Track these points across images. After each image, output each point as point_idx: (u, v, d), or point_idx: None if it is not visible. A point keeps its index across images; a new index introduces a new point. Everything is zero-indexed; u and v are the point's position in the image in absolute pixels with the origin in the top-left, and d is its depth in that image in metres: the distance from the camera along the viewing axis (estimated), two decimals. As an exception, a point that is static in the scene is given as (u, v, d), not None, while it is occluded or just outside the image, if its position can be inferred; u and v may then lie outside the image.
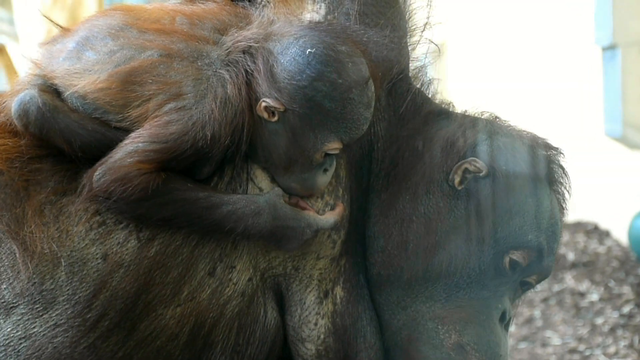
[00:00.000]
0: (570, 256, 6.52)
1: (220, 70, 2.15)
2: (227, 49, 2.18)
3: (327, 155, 2.20)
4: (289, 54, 2.13)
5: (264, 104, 2.14)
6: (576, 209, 7.24)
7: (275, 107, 2.14)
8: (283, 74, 2.13)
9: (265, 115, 2.16)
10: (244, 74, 2.15)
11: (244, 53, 2.17)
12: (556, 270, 6.22)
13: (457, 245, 2.29)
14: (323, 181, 2.22)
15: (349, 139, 2.19)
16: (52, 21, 2.40)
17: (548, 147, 2.39)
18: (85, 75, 2.17)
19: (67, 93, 2.18)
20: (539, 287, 5.83)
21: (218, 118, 2.11)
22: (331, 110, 2.14)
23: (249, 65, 2.15)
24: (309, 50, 2.11)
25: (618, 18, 6.65)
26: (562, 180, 2.39)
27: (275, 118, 2.16)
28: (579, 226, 7.27)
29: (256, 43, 2.17)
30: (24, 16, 6.88)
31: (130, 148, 2.11)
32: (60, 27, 2.30)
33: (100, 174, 2.12)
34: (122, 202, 2.12)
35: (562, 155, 2.39)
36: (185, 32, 2.20)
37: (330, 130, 2.16)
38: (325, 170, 2.22)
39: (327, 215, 2.22)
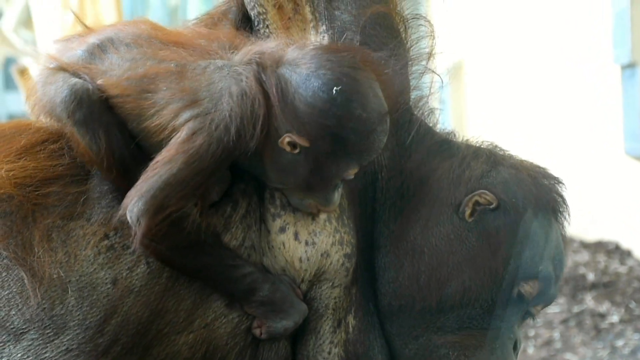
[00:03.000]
0: (590, 277, 6.46)
1: (233, 68, 2.15)
2: (240, 58, 2.19)
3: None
4: (311, 89, 2.13)
5: (287, 139, 2.14)
6: (597, 229, 7.19)
7: (299, 143, 2.15)
8: (307, 110, 2.13)
9: (288, 148, 2.16)
10: (257, 71, 2.14)
11: (256, 64, 2.17)
12: (576, 291, 6.17)
13: (470, 277, 2.32)
14: (338, 197, 2.26)
15: (367, 162, 2.24)
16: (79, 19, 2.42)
17: (548, 176, 2.43)
18: (104, 76, 2.18)
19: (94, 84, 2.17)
20: (557, 308, 5.80)
21: (239, 113, 2.10)
22: (355, 142, 2.16)
23: (261, 76, 2.15)
24: (334, 88, 2.11)
25: (637, 36, 6.62)
26: (562, 210, 2.42)
27: (297, 151, 2.17)
28: (599, 246, 7.21)
29: (268, 59, 2.17)
30: (45, 36, 6.96)
31: (166, 177, 2.09)
32: (85, 26, 2.31)
33: (139, 208, 2.08)
34: (162, 245, 2.11)
35: (561, 184, 2.42)
36: (203, 46, 2.21)
37: (352, 158, 2.19)
38: (338, 187, 2.26)
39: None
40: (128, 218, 2.10)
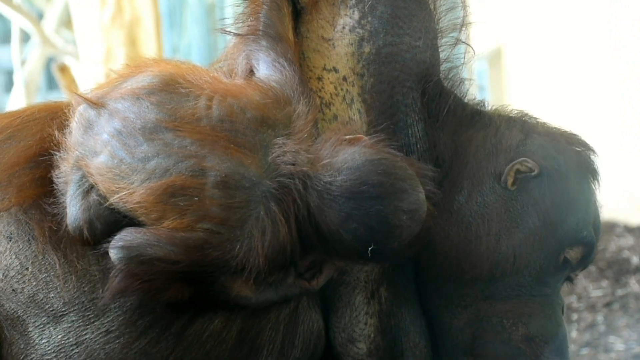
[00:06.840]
0: (635, 260, 6.40)
1: (269, 203, 2.04)
2: (274, 169, 2.07)
3: None
4: (343, 225, 2.07)
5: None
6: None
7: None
8: (335, 238, 2.08)
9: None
10: (296, 207, 2.06)
11: (292, 177, 2.06)
12: (620, 275, 6.13)
13: (520, 243, 2.34)
14: None
15: None
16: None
17: (582, 143, 2.45)
18: (119, 182, 2.07)
19: (108, 201, 2.10)
20: (601, 292, 5.74)
21: (262, 254, 2.05)
22: None
23: (301, 197, 2.06)
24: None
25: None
26: (596, 176, 2.44)
27: None
28: (644, 230, 7.13)
29: (304, 168, 2.07)
30: (84, 35, 7.03)
31: (161, 246, 2.04)
32: (88, 100, 2.17)
33: (120, 254, 2.05)
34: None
35: (592, 150, 2.44)
36: (227, 138, 2.08)
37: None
38: None
39: None
40: (110, 254, 2.07)
